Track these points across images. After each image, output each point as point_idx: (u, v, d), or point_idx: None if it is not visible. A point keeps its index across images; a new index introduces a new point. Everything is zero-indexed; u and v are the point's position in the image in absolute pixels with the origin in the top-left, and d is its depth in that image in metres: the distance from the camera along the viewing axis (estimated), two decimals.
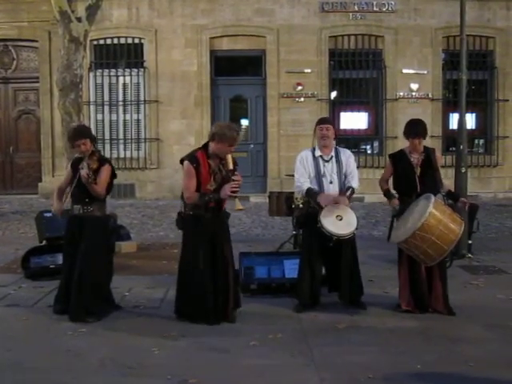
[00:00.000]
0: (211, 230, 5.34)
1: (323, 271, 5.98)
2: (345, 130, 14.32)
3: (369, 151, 14.68)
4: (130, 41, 14.23)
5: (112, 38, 14.16)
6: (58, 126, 11.03)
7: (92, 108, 14.19)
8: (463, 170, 8.29)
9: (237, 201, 5.20)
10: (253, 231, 10.43)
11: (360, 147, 14.58)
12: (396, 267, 5.89)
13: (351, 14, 14.19)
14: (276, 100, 14.12)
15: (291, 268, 6.33)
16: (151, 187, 14.10)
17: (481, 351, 4.69)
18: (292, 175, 6.07)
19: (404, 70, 14.16)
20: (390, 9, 14.14)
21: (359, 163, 12.60)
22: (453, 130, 12.29)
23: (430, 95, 14.23)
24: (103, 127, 14.25)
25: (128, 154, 14.18)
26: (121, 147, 14.23)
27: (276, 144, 14.17)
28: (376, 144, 14.66)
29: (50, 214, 8.02)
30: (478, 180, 13.94)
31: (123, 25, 14.11)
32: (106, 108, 14.29)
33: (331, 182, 5.77)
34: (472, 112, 14.10)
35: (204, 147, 5.38)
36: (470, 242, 8.17)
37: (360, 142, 14.70)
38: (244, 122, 14.70)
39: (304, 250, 5.98)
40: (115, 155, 13.90)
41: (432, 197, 5.34)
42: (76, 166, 5.61)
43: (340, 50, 14.29)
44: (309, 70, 14.05)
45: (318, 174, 5.78)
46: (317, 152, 5.85)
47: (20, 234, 10.06)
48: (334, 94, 14.53)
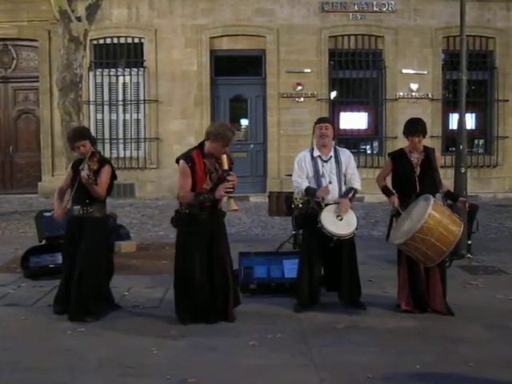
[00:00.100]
0: (207, 230, 5.34)
1: (322, 271, 5.99)
2: (345, 130, 14.33)
3: (368, 151, 14.67)
4: (130, 40, 14.21)
5: (112, 38, 14.14)
6: (58, 126, 11.02)
7: (92, 108, 14.18)
8: (463, 171, 8.29)
9: (231, 201, 5.20)
10: (252, 231, 10.43)
11: (360, 147, 14.58)
12: (395, 267, 5.89)
13: (351, 14, 14.19)
14: (276, 100, 14.11)
15: (291, 268, 6.33)
16: (151, 187, 14.09)
17: (480, 351, 4.70)
18: (291, 175, 6.07)
19: (404, 70, 14.16)
20: (390, 9, 14.14)
21: (359, 163, 12.59)
22: (453, 130, 12.28)
23: (430, 95, 14.23)
24: (103, 127, 14.24)
25: (128, 154, 14.17)
26: (120, 147, 14.22)
27: (276, 144, 14.16)
28: (376, 144, 14.65)
29: (50, 214, 8.01)
30: (478, 180, 13.95)
31: (123, 24, 14.09)
32: (106, 108, 14.27)
33: (330, 182, 5.77)
34: (472, 112, 14.10)
35: (200, 146, 5.37)
36: (470, 243, 8.17)
37: (360, 142, 14.70)
38: (244, 122, 14.70)
39: (303, 250, 5.98)
40: (115, 155, 13.89)
41: (431, 198, 5.34)
42: (76, 167, 5.60)
43: (340, 50, 14.29)
44: (309, 70, 14.04)
45: (317, 174, 5.78)
46: (315, 152, 5.85)
47: (19, 234, 10.06)
48: (334, 94, 14.53)
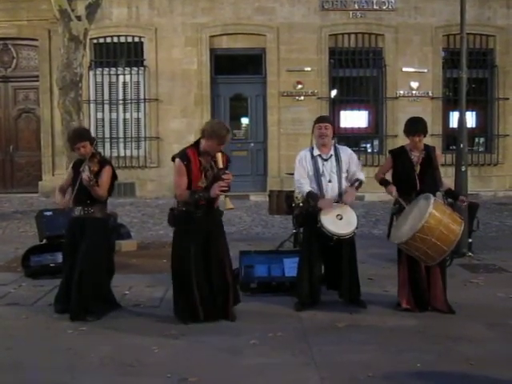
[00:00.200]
0: (203, 229, 5.33)
1: (322, 269, 5.99)
2: (345, 129, 14.33)
3: (369, 150, 14.66)
4: (130, 39, 14.21)
5: (112, 37, 14.14)
6: (58, 125, 11.03)
7: (92, 107, 14.19)
8: (463, 169, 8.29)
9: (227, 200, 5.19)
10: (253, 230, 10.43)
11: (360, 146, 14.56)
12: (396, 266, 5.89)
13: (351, 13, 14.18)
14: (276, 98, 14.11)
15: (291, 266, 6.32)
16: (151, 186, 14.10)
17: (481, 350, 4.69)
18: (292, 174, 6.06)
19: (404, 69, 14.15)
20: (390, 7, 14.14)
21: (360, 162, 12.57)
22: (453, 129, 12.28)
23: (430, 94, 14.23)
24: (103, 126, 14.24)
25: (128, 153, 14.19)
26: (121, 146, 14.23)
27: (276, 142, 14.16)
28: (376, 142, 14.65)
29: (51, 213, 8.04)
30: (479, 178, 13.93)
31: (123, 23, 14.10)
32: (106, 107, 14.28)
33: (330, 181, 5.76)
34: (472, 110, 14.09)
35: (195, 144, 5.37)
36: (471, 241, 8.16)
37: (360, 141, 14.69)
38: (244, 121, 14.71)
39: (304, 249, 5.98)
40: (115, 154, 13.92)
41: (431, 197, 5.33)
42: (77, 167, 5.60)
43: (340, 49, 14.28)
44: (309, 69, 14.04)
45: (317, 173, 5.77)
46: (315, 151, 5.84)
47: (20, 233, 10.06)
48: (334, 93, 14.52)
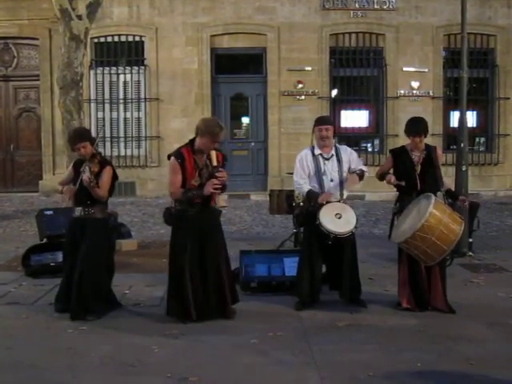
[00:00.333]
0: (198, 227, 5.32)
1: (324, 269, 5.99)
2: (345, 128, 14.33)
3: (369, 149, 14.66)
4: (131, 39, 14.21)
5: (113, 36, 14.15)
6: (59, 124, 11.03)
7: (93, 106, 14.19)
8: (464, 168, 8.28)
9: (220, 198, 5.21)
10: (253, 229, 10.43)
11: (361, 145, 14.57)
12: (396, 265, 5.89)
13: (352, 12, 14.18)
14: (277, 98, 14.11)
15: (291, 266, 6.31)
16: (152, 185, 14.09)
17: (481, 349, 4.69)
18: (292, 173, 6.06)
19: (405, 68, 14.15)
20: (391, 7, 14.13)
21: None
22: (454, 128, 12.26)
23: (431, 93, 14.23)
24: (104, 125, 14.24)
25: (129, 152, 14.19)
26: (121, 145, 14.24)
27: (277, 142, 14.16)
28: (377, 142, 14.65)
29: (51, 212, 8.04)
30: (479, 178, 13.92)
31: (124, 23, 14.10)
32: (107, 106, 14.28)
33: (332, 180, 5.77)
34: (473, 110, 14.08)
35: (190, 143, 5.38)
36: (471, 241, 8.16)
37: (361, 140, 14.69)
38: (245, 120, 14.71)
39: (304, 248, 5.98)
40: (116, 153, 13.93)
41: (432, 196, 5.33)
42: (78, 168, 5.60)
43: (341, 48, 14.28)
44: (309, 68, 14.04)
45: (319, 172, 5.77)
46: (316, 150, 5.84)
47: (21, 232, 10.06)
48: (335, 92, 14.52)
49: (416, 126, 5.72)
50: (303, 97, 14.10)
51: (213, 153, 5.24)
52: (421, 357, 4.51)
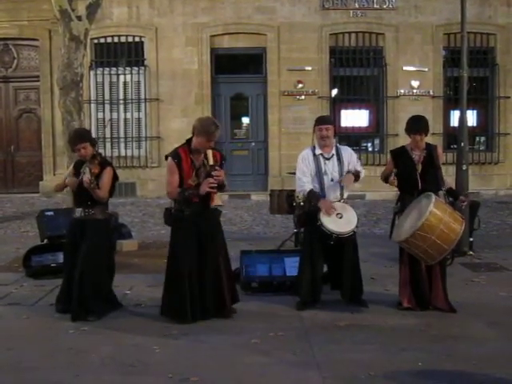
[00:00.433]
0: (197, 228, 5.32)
1: (325, 269, 5.99)
2: (346, 128, 14.32)
3: (370, 149, 14.66)
4: (131, 39, 14.21)
5: (112, 37, 14.14)
6: (59, 125, 11.02)
7: (93, 106, 14.19)
8: (464, 168, 8.28)
9: (216, 196, 5.21)
10: (254, 229, 10.43)
11: (361, 145, 14.57)
12: (397, 265, 5.88)
13: (352, 12, 14.17)
14: (277, 98, 14.10)
15: (292, 266, 6.32)
16: (152, 185, 14.08)
17: (482, 349, 4.69)
18: (293, 173, 6.07)
19: (405, 68, 14.14)
20: (391, 6, 14.12)
21: (360, 161, 12.50)
22: (454, 128, 12.26)
23: (431, 92, 14.22)
24: (104, 126, 14.24)
25: (129, 153, 14.19)
26: (122, 146, 14.23)
27: (277, 142, 14.16)
28: (377, 141, 14.64)
29: (52, 213, 8.05)
30: (479, 177, 13.91)
31: (124, 23, 14.10)
32: (107, 106, 14.28)
33: (332, 180, 5.77)
34: (473, 109, 14.06)
35: (187, 143, 5.39)
36: (472, 240, 8.15)
37: (361, 140, 14.69)
38: (245, 120, 14.71)
39: (305, 248, 5.98)
40: (116, 154, 13.93)
41: (433, 196, 5.33)
42: (78, 168, 5.60)
43: (341, 48, 14.27)
44: (309, 68, 14.04)
45: (319, 172, 5.77)
46: (317, 150, 5.84)
47: (21, 233, 10.07)
48: (335, 92, 14.51)
49: (417, 124, 5.72)
50: (303, 96, 14.10)
51: (209, 152, 5.25)
52: (422, 356, 4.51)
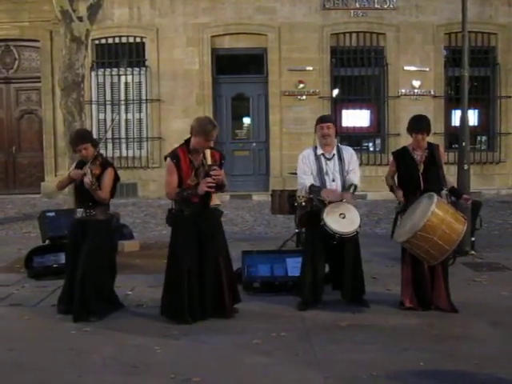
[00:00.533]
0: (197, 228, 5.33)
1: (327, 269, 5.98)
2: (347, 128, 14.31)
3: (371, 148, 14.66)
4: (132, 40, 14.22)
5: (113, 38, 14.15)
6: (61, 126, 11.02)
7: (94, 107, 14.19)
8: (466, 167, 8.27)
9: (214, 196, 5.22)
10: (255, 229, 10.43)
11: (362, 145, 14.57)
12: (399, 265, 5.88)
13: (353, 12, 14.16)
14: (278, 98, 14.10)
15: (294, 266, 6.32)
16: (153, 186, 14.07)
17: (484, 348, 4.68)
18: (294, 173, 6.07)
19: (406, 67, 14.13)
20: (392, 6, 14.11)
21: (361, 161, 12.58)
22: (455, 127, 12.28)
23: (432, 92, 14.20)
24: (105, 126, 14.24)
25: (130, 153, 14.19)
26: (123, 146, 14.23)
27: (278, 142, 14.15)
28: (378, 141, 14.63)
29: (53, 214, 8.05)
30: (481, 177, 13.89)
31: (125, 24, 14.10)
32: (108, 107, 14.29)
33: (333, 180, 5.78)
34: (474, 109, 14.02)
35: (186, 143, 5.40)
36: (473, 239, 8.15)
37: (362, 140, 14.69)
38: (246, 121, 14.71)
39: (306, 248, 5.98)
40: (117, 154, 13.92)
41: (435, 196, 5.32)
42: (80, 168, 5.59)
43: (342, 48, 14.27)
44: (310, 68, 14.03)
45: (321, 173, 5.78)
46: (318, 150, 5.84)
47: (23, 234, 10.08)
48: (336, 92, 14.51)
49: (419, 124, 5.72)
50: (304, 97, 14.09)
51: (207, 151, 5.25)
52: (424, 356, 4.51)
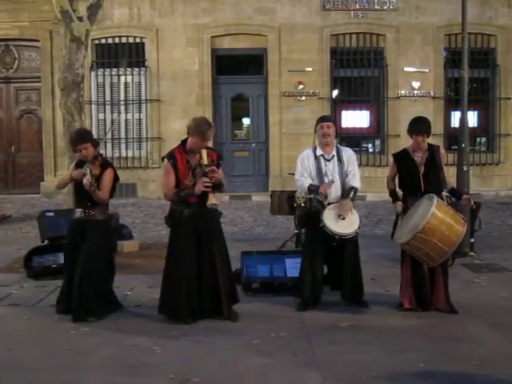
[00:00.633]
0: (196, 228, 5.33)
1: (325, 270, 5.98)
2: (346, 129, 14.30)
3: (370, 150, 14.65)
4: (132, 40, 14.22)
5: (113, 38, 14.14)
6: (60, 126, 11.02)
7: (94, 107, 14.18)
8: (465, 169, 8.28)
9: (210, 195, 5.23)
10: (255, 230, 10.43)
11: (362, 146, 14.56)
12: (398, 266, 5.88)
13: (352, 13, 14.16)
14: (277, 99, 14.09)
15: (293, 267, 6.32)
16: (153, 186, 14.05)
17: (484, 349, 4.69)
18: (293, 174, 6.07)
19: (405, 68, 14.13)
20: (392, 7, 14.11)
21: (361, 162, 12.59)
22: (455, 128, 12.26)
23: (432, 93, 14.20)
24: (105, 127, 14.24)
25: (130, 154, 14.18)
26: (122, 146, 14.22)
27: (278, 143, 14.15)
28: (378, 142, 14.63)
29: (52, 214, 8.05)
30: (480, 178, 13.88)
31: (124, 24, 14.10)
32: (108, 107, 14.28)
33: (333, 182, 5.76)
34: (474, 110, 14.03)
35: (183, 143, 5.42)
36: (473, 240, 8.15)
37: (362, 141, 14.68)
38: (246, 121, 14.71)
39: (306, 249, 5.98)
40: (117, 154, 13.91)
41: (435, 197, 5.32)
42: (79, 168, 5.59)
43: (341, 49, 14.27)
44: (310, 69, 14.03)
45: (320, 174, 5.78)
46: (318, 151, 5.85)
47: (22, 234, 10.07)
48: (336, 93, 14.51)
49: (419, 125, 5.72)
50: (304, 97, 14.09)
51: (203, 151, 5.27)
52: (423, 357, 4.51)
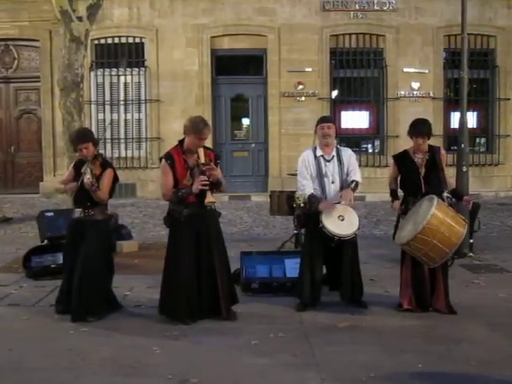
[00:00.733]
0: (194, 228, 5.33)
1: (324, 270, 5.99)
2: (346, 129, 14.29)
3: (370, 150, 14.65)
4: (131, 40, 14.21)
5: (113, 38, 14.14)
6: (60, 126, 11.04)
7: (93, 107, 14.18)
8: (464, 169, 8.28)
9: (208, 194, 5.24)
10: (254, 230, 10.43)
11: (361, 146, 14.55)
12: (397, 266, 5.89)
13: (352, 13, 14.16)
14: (277, 99, 14.10)
15: (292, 267, 6.32)
16: (152, 186, 14.05)
17: (482, 350, 4.69)
18: (293, 174, 6.08)
19: (405, 69, 14.13)
20: (391, 7, 14.11)
21: (360, 162, 12.49)
22: (454, 129, 12.24)
23: (432, 94, 14.21)
24: (104, 127, 14.24)
25: (129, 154, 14.18)
26: (122, 147, 14.22)
27: (277, 143, 14.15)
28: (377, 143, 14.63)
29: (52, 214, 8.05)
30: (480, 179, 13.90)
31: (124, 24, 14.09)
32: (107, 107, 14.28)
33: (333, 182, 5.78)
34: (473, 111, 14.06)
35: (180, 143, 5.42)
36: (472, 241, 8.16)
37: (361, 141, 14.67)
38: (245, 122, 14.70)
39: (305, 249, 5.99)
40: (116, 155, 13.92)
41: (435, 199, 5.32)
42: (78, 168, 5.60)
43: (341, 49, 14.27)
44: (310, 69, 14.03)
45: (320, 174, 5.78)
46: (318, 152, 5.85)
47: (21, 234, 10.07)
48: (335, 93, 14.51)
49: (419, 128, 5.71)
50: (303, 98, 14.09)
51: (200, 150, 5.28)
52: (422, 358, 4.52)
